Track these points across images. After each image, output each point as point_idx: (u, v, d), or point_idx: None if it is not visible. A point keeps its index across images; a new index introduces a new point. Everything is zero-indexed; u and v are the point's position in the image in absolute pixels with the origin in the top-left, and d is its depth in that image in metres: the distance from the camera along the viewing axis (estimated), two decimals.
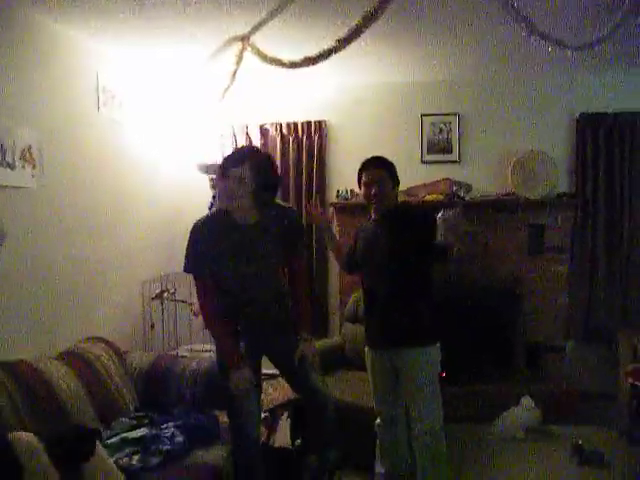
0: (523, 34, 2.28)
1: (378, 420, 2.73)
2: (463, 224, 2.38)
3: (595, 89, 4.08)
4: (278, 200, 2.50)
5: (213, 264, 2.30)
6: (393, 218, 2.54)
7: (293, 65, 2.69)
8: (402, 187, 3.89)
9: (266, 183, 2.29)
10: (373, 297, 2.60)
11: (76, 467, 1.74)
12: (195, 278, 2.35)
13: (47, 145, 2.72)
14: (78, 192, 3.00)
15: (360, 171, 2.62)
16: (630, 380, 3.47)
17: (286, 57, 2.80)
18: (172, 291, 3.54)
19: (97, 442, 1.85)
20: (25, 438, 1.69)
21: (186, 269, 2.34)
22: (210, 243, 2.29)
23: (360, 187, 2.62)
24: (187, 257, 2.33)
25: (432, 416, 2.53)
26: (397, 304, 2.49)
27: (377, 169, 2.55)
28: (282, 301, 2.47)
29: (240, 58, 2.95)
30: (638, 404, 3.53)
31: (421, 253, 2.45)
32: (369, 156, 2.64)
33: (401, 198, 3.91)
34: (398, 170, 2.61)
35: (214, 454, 2.36)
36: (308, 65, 2.62)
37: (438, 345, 2.54)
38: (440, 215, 2.34)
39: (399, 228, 2.49)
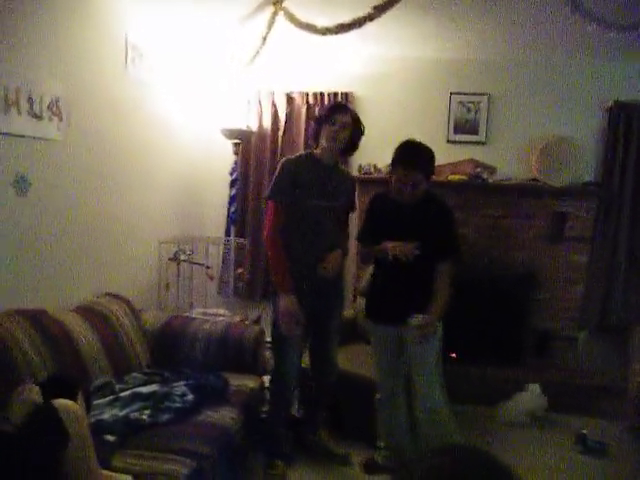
0: (566, 9, 2.19)
1: (378, 395, 2.76)
2: (432, 327, 2.37)
3: (630, 77, 3.97)
4: None
5: (294, 193, 2.55)
6: (421, 205, 2.50)
7: (326, 31, 2.64)
8: None
9: (356, 138, 2.63)
10: (390, 272, 2.59)
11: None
12: (273, 202, 2.58)
13: (74, 99, 2.71)
14: (102, 148, 3.01)
15: (397, 161, 2.44)
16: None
17: (319, 23, 2.75)
18: (189, 253, 3.57)
19: (79, 395, 1.86)
20: (70, 406, 1.72)
21: (269, 196, 2.60)
22: (296, 174, 2.56)
23: (392, 169, 2.47)
24: (273, 185, 2.59)
25: (436, 394, 2.55)
26: (414, 282, 2.49)
27: (415, 170, 2.39)
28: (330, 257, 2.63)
29: (272, 22, 2.90)
30: None
31: (439, 245, 2.46)
32: (403, 136, 2.48)
33: None
34: None
35: (223, 414, 2.39)
36: (341, 32, 2.57)
37: (441, 327, 2.55)
38: (414, 321, 2.34)
39: (426, 216, 2.50)
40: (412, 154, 2.42)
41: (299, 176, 2.56)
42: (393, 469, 2.76)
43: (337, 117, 2.53)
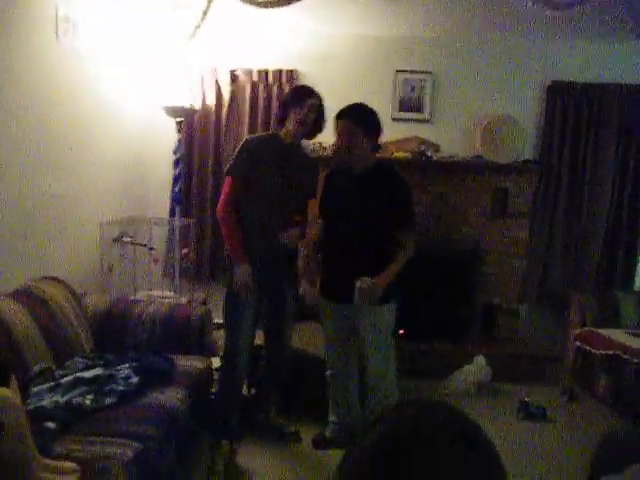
0: None
1: (329, 371, 2.77)
2: (377, 292, 2.40)
3: (568, 58, 4.09)
4: None
5: (253, 171, 2.57)
6: (373, 176, 2.51)
7: (267, 4, 2.58)
8: None
9: (320, 122, 2.64)
10: (338, 249, 2.59)
11: None
12: (231, 178, 2.62)
13: (1, 75, 2.55)
14: (35, 126, 2.85)
15: (335, 118, 2.54)
16: (577, 343, 3.63)
17: None
18: (132, 234, 3.46)
19: (12, 380, 1.78)
20: (4, 393, 1.63)
21: (227, 171, 2.65)
22: (257, 153, 2.59)
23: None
24: (232, 162, 2.62)
25: (387, 364, 2.61)
26: (366, 258, 2.48)
27: (345, 120, 2.48)
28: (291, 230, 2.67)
29: None
30: (581, 365, 3.70)
31: (393, 219, 2.46)
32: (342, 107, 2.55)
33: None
34: None
35: (169, 395, 2.34)
36: (281, 5, 2.52)
37: (395, 305, 2.59)
38: (358, 284, 2.37)
39: (378, 188, 2.50)
40: (346, 107, 2.53)
41: (260, 154, 2.59)
42: (342, 443, 2.79)
43: (306, 100, 2.55)
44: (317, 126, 2.66)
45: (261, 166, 2.58)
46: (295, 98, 2.60)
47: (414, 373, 3.52)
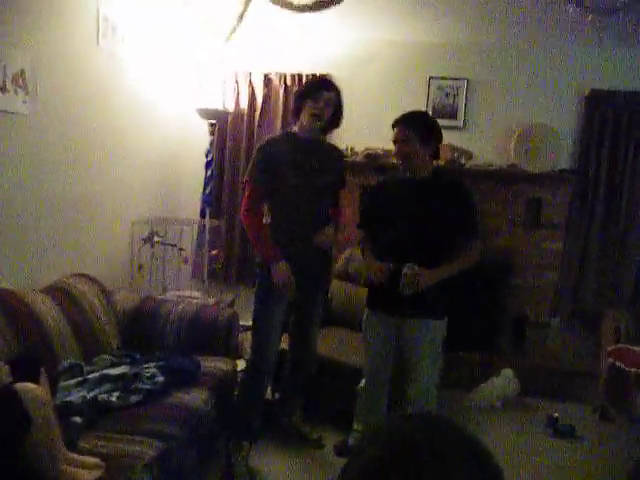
0: None
1: (363, 382, 2.72)
2: (421, 283, 2.32)
3: (608, 66, 3.99)
4: None
5: (273, 175, 2.46)
6: (435, 182, 2.45)
7: (303, 8, 2.58)
8: None
9: (338, 114, 2.53)
10: (394, 257, 2.41)
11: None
12: (251, 185, 2.51)
13: (42, 72, 2.61)
14: (72, 124, 2.91)
15: (393, 125, 2.47)
16: (610, 360, 3.51)
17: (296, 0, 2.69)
18: (162, 234, 3.50)
19: (43, 376, 1.81)
20: (32, 389, 1.66)
21: (246, 179, 2.54)
22: (273, 157, 2.47)
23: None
24: (250, 168, 2.52)
25: (433, 379, 2.57)
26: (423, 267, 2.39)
27: (403, 126, 2.40)
28: (324, 230, 2.57)
29: None
30: (614, 383, 3.58)
31: (458, 225, 2.41)
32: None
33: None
34: None
35: (194, 396, 2.35)
36: (319, 9, 2.51)
37: (446, 319, 2.54)
38: (405, 269, 2.30)
39: (442, 195, 2.44)
40: (407, 114, 2.45)
41: (278, 157, 2.46)
42: None
43: (322, 93, 2.42)
44: (334, 121, 2.53)
45: (281, 169, 2.46)
46: (311, 90, 2.46)
47: (441, 383, 3.46)
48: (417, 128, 2.40)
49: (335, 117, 2.52)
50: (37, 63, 2.57)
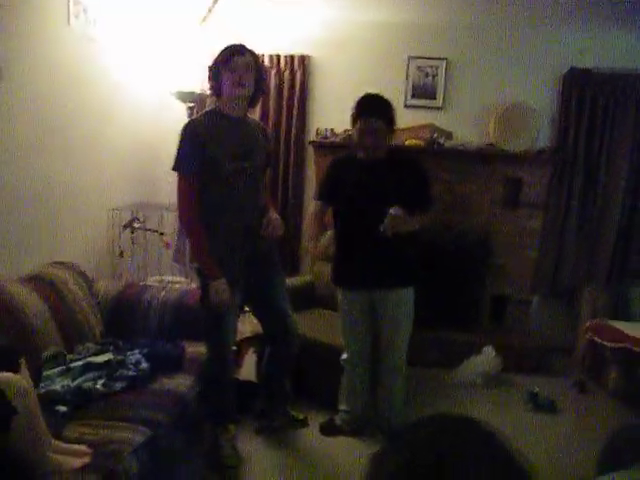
0: None
1: (345, 355, 2.77)
2: (406, 224, 2.38)
3: (586, 45, 4.01)
4: None
5: (206, 159, 2.25)
6: (387, 163, 2.50)
7: None
8: None
9: (261, 81, 2.36)
10: (356, 237, 2.56)
11: None
12: (182, 175, 2.31)
13: (11, 55, 2.53)
14: (46, 110, 2.84)
15: (358, 113, 2.45)
16: (588, 335, 3.60)
17: None
18: (142, 220, 3.46)
19: (23, 365, 1.79)
20: (13, 379, 1.64)
21: (175, 167, 2.31)
22: (205, 138, 2.26)
23: (354, 125, 2.49)
24: (178, 155, 2.30)
25: (402, 352, 2.65)
26: (385, 246, 2.47)
27: (377, 119, 2.41)
28: (263, 214, 2.44)
29: None
30: (592, 357, 3.67)
31: (411, 201, 2.45)
32: (364, 93, 2.50)
33: None
34: None
35: (179, 382, 2.36)
36: None
37: (413, 290, 2.62)
38: (392, 210, 2.33)
39: (393, 174, 2.49)
40: (372, 103, 2.45)
41: (207, 139, 2.25)
42: (351, 432, 2.81)
43: (237, 59, 2.25)
44: (258, 88, 2.35)
45: (212, 151, 2.25)
46: (226, 58, 2.28)
47: (422, 363, 3.52)
48: (387, 119, 2.44)
49: (258, 82, 2.34)
50: (6, 47, 2.50)
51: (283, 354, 2.71)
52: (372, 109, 2.43)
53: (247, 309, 2.76)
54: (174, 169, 2.32)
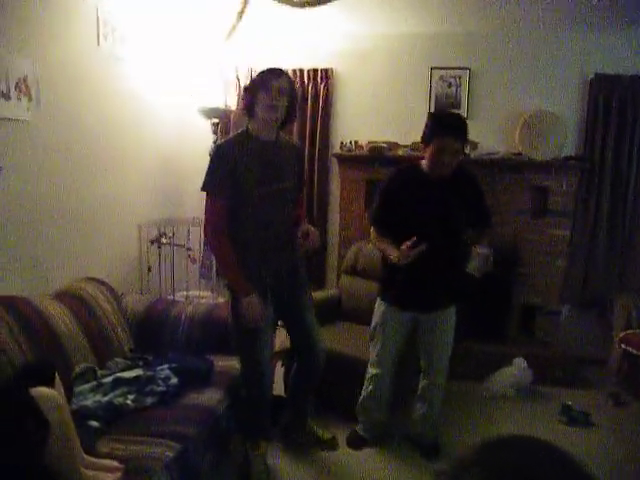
0: None
1: (375, 371, 2.73)
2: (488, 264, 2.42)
3: (611, 50, 3.95)
4: None
5: (236, 182, 2.26)
6: (452, 180, 2.44)
7: (303, 4, 2.56)
8: (407, 142, 3.88)
9: (293, 106, 2.34)
10: (422, 258, 2.36)
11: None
12: (212, 197, 2.31)
13: (44, 77, 2.61)
14: (75, 128, 2.91)
15: (438, 131, 2.34)
16: (622, 346, 3.50)
17: None
18: (170, 235, 3.50)
19: (57, 381, 1.81)
20: (48, 394, 1.67)
21: (204, 188, 2.32)
22: (235, 161, 2.26)
23: (428, 141, 2.38)
24: (207, 176, 2.31)
25: (447, 369, 2.69)
26: (445, 268, 2.46)
27: (456, 139, 2.32)
28: (293, 232, 2.41)
29: None
30: (627, 369, 3.57)
31: (474, 218, 2.47)
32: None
33: (403, 152, 3.88)
34: (404, 124, 2.51)
35: (208, 396, 2.36)
36: (318, 5, 2.49)
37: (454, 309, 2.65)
38: (479, 250, 2.37)
39: (458, 191, 2.46)
40: (454, 123, 2.36)
41: (237, 161, 2.26)
42: (372, 440, 2.83)
43: (273, 83, 2.23)
44: (290, 112, 2.34)
45: (242, 174, 2.26)
46: (261, 81, 2.26)
47: (452, 375, 3.46)
48: (464, 139, 2.37)
49: (290, 107, 2.33)
50: (39, 69, 2.57)
51: (309, 368, 2.69)
52: (453, 129, 2.34)
53: (280, 323, 2.75)
54: (203, 189, 2.33)
